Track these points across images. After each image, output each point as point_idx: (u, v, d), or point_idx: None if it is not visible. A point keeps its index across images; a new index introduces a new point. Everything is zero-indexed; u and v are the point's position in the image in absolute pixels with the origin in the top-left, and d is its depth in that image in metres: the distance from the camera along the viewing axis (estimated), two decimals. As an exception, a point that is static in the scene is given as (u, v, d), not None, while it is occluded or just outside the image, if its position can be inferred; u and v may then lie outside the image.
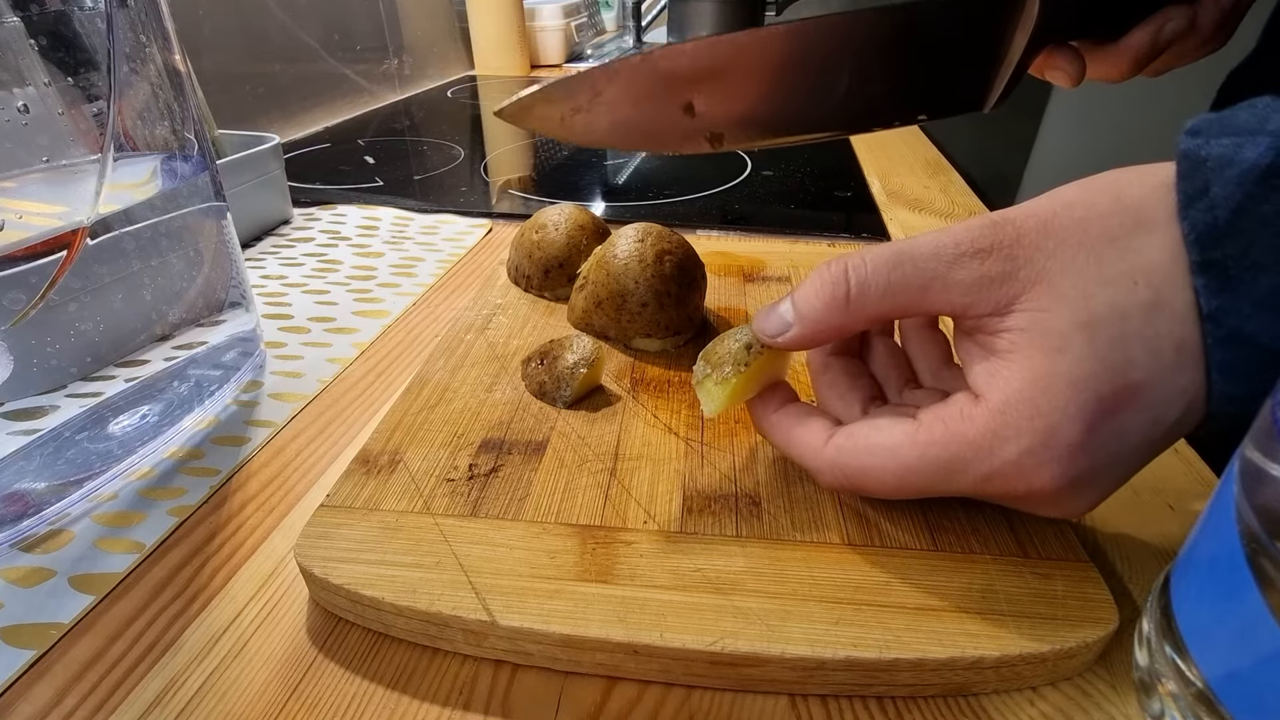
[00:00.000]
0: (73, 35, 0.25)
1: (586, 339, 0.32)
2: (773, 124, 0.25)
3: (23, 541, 0.26)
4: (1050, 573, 0.22)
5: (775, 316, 0.23)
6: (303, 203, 0.59)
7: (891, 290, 0.21)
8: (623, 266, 0.33)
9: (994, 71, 0.27)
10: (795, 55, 0.24)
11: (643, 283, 0.33)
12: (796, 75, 0.24)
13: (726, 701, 0.21)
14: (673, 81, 0.24)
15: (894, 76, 0.26)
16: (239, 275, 0.35)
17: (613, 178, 0.68)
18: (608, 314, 0.34)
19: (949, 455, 0.20)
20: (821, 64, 0.25)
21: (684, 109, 0.25)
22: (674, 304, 0.33)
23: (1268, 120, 0.18)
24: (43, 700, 0.21)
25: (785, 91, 0.24)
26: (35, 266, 0.24)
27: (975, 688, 0.21)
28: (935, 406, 0.21)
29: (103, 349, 0.28)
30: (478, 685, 0.22)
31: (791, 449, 0.24)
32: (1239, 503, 0.17)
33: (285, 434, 0.33)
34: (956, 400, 0.21)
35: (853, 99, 0.25)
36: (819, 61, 0.24)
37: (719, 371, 0.24)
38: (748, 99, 0.24)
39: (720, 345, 0.25)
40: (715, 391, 0.24)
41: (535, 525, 0.24)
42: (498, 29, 1.11)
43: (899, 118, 0.27)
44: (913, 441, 0.21)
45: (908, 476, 0.21)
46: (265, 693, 0.21)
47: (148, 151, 0.29)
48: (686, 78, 0.24)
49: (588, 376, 0.31)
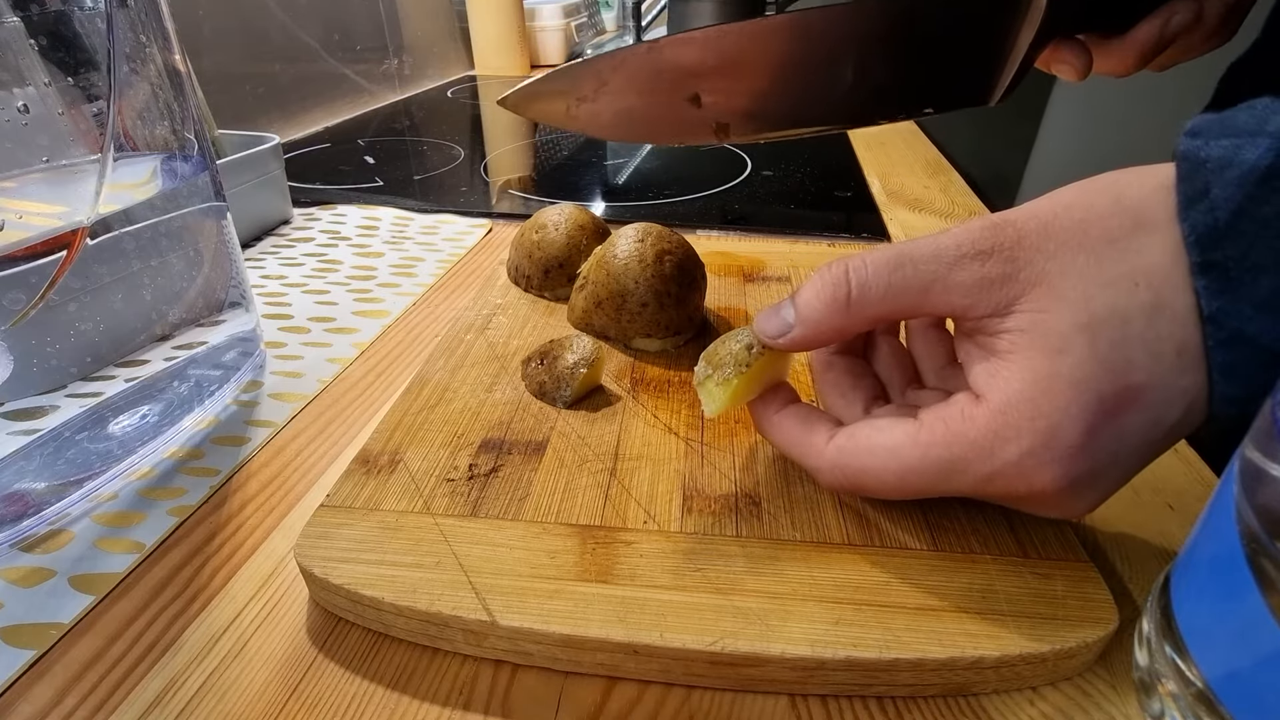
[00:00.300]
0: (73, 35, 0.25)
1: (586, 339, 0.32)
2: (778, 115, 0.25)
3: (23, 541, 0.26)
4: (1050, 573, 0.22)
5: (776, 318, 0.23)
6: (303, 203, 0.59)
7: (892, 292, 0.21)
8: (623, 266, 0.33)
9: (1000, 65, 0.27)
10: (800, 45, 0.24)
11: (643, 283, 0.33)
12: (802, 66, 0.24)
13: (726, 701, 0.21)
14: (679, 72, 0.24)
15: (899, 68, 0.26)
16: (239, 275, 0.35)
17: (613, 178, 0.68)
18: (608, 314, 0.34)
19: (950, 456, 0.20)
20: (827, 55, 0.24)
21: (690, 100, 0.24)
22: (674, 304, 0.33)
23: (1267, 121, 0.18)
24: (43, 700, 0.21)
25: (791, 82, 0.24)
26: (35, 266, 0.24)
27: (975, 688, 0.21)
28: (937, 406, 0.21)
29: (103, 349, 0.28)
30: (478, 685, 0.22)
31: (793, 449, 0.24)
32: (1239, 503, 0.17)
33: (285, 434, 0.33)
34: (957, 401, 0.21)
35: (858, 90, 0.25)
36: (824, 52, 0.24)
37: (720, 372, 0.24)
38: (754, 90, 0.24)
39: (722, 346, 0.25)
40: (716, 393, 0.24)
41: (535, 525, 0.24)
42: (498, 29, 1.11)
43: (905, 110, 0.27)
44: (914, 442, 0.21)
45: (908, 477, 0.21)
46: (265, 693, 0.21)
47: (148, 151, 0.29)
48: (693, 68, 0.24)
49: (588, 376, 0.31)
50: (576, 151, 0.75)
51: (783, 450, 0.25)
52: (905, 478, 0.21)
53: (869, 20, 0.24)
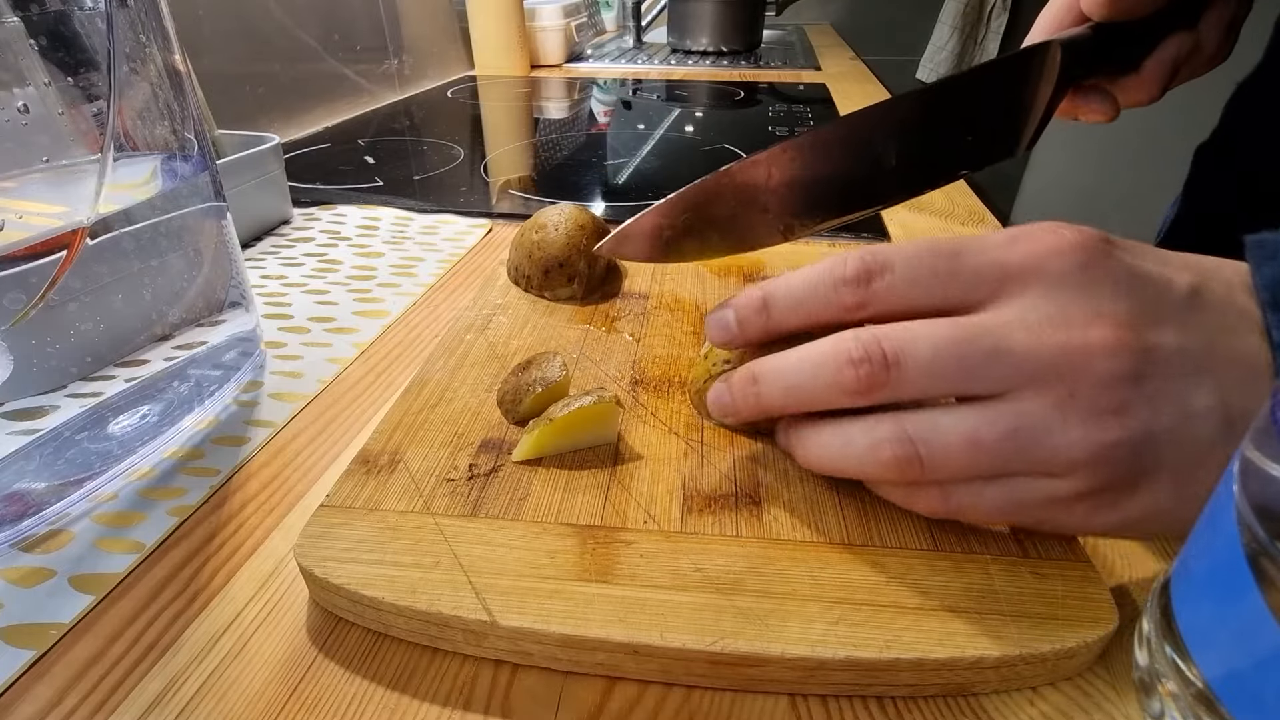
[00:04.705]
0: (73, 35, 0.25)
1: (560, 360, 0.30)
2: (835, 206, 0.27)
3: (23, 541, 0.26)
4: (1050, 573, 0.22)
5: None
6: (303, 203, 0.59)
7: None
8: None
9: (1025, 120, 0.30)
10: (848, 145, 0.26)
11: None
12: (852, 161, 0.27)
13: (726, 701, 0.21)
14: (750, 189, 0.27)
15: (938, 145, 0.28)
16: (239, 275, 0.35)
17: (613, 178, 0.68)
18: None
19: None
20: (872, 149, 0.27)
21: (761, 210, 0.27)
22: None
23: None
24: (43, 700, 0.21)
25: (843, 177, 0.27)
26: (35, 266, 0.24)
27: (975, 688, 0.21)
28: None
29: (103, 349, 0.28)
30: (478, 685, 0.22)
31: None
32: (1239, 503, 0.17)
33: (285, 434, 0.33)
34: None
35: (902, 172, 0.27)
36: (870, 147, 0.27)
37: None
38: (813, 190, 0.27)
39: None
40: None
41: (535, 525, 0.24)
42: (498, 29, 1.11)
43: (945, 178, 0.29)
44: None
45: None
46: (265, 693, 0.21)
47: (148, 151, 0.29)
48: (761, 184, 0.26)
49: (543, 396, 0.29)
50: (576, 151, 0.75)
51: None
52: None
53: (907, 109, 0.27)
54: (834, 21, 2.02)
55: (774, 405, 0.24)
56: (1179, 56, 0.35)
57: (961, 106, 0.28)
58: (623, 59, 1.31)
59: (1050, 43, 0.30)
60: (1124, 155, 1.47)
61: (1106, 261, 0.21)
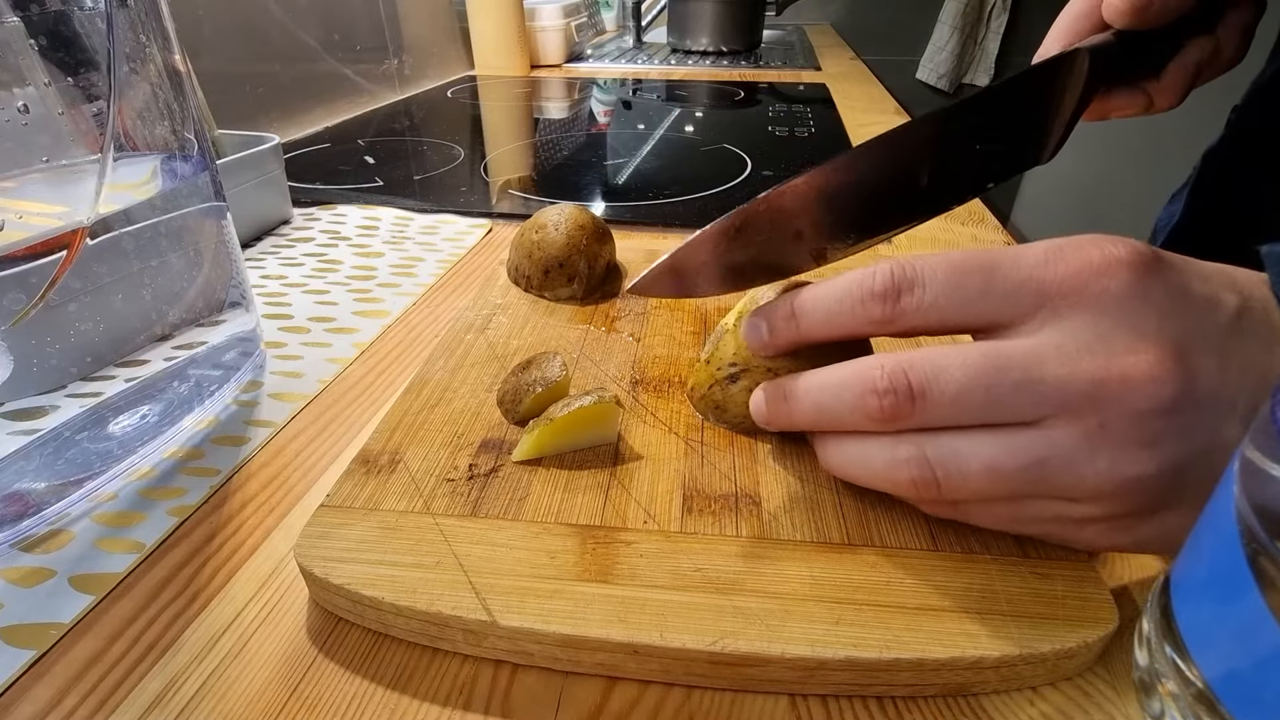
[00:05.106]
0: (73, 35, 0.25)
1: (561, 360, 0.30)
2: (865, 228, 0.27)
3: (23, 541, 0.26)
4: (1050, 573, 0.22)
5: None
6: (303, 203, 0.59)
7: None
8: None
9: (1050, 129, 0.29)
10: (876, 167, 0.26)
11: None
12: (880, 183, 0.26)
13: (726, 701, 0.21)
14: (782, 215, 0.26)
15: (965, 161, 0.28)
16: (239, 275, 0.35)
17: (613, 178, 0.68)
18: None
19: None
20: (901, 168, 0.27)
21: (793, 237, 0.26)
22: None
23: None
24: (43, 700, 0.21)
25: (873, 199, 0.26)
26: (35, 266, 0.24)
27: (975, 688, 0.21)
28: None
29: (103, 349, 0.28)
30: (478, 685, 0.22)
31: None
32: (1239, 503, 0.17)
33: (285, 434, 0.33)
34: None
35: (931, 190, 0.27)
36: (898, 166, 0.27)
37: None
38: (843, 213, 0.26)
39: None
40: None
41: (535, 525, 0.24)
42: (498, 29, 1.11)
43: (973, 191, 0.29)
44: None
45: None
46: (265, 693, 0.21)
47: (148, 151, 0.29)
48: (793, 211, 0.26)
49: (543, 396, 0.29)
50: (576, 151, 0.75)
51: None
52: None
53: (940, 126, 0.27)
54: (834, 21, 2.02)
55: (805, 423, 0.24)
56: (1200, 60, 0.35)
57: (993, 120, 0.28)
58: (623, 59, 1.31)
59: (1078, 50, 0.30)
60: (1124, 155, 1.47)
61: (1155, 281, 0.20)
